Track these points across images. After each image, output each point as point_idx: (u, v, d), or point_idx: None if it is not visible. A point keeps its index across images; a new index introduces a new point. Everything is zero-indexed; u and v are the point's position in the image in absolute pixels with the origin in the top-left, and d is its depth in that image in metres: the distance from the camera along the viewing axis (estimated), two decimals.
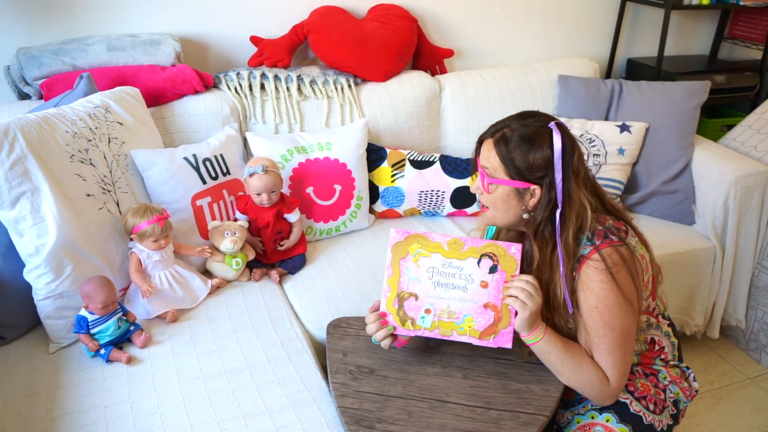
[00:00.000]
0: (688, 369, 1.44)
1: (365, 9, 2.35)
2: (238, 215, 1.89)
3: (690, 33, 2.94)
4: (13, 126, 1.49)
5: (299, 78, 2.14)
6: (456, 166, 2.17)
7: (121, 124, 1.75)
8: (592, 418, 1.33)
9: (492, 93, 2.35)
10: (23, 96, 1.96)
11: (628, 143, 2.25)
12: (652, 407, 1.32)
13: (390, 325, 1.33)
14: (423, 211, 2.22)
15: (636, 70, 2.77)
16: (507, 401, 1.30)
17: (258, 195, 1.82)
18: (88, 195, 1.59)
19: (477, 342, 1.31)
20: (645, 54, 2.86)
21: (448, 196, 2.17)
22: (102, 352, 1.49)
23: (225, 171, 1.89)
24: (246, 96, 2.07)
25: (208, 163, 1.85)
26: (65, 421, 1.31)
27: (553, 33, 2.69)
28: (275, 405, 1.35)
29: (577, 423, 1.34)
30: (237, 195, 1.91)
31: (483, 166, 1.31)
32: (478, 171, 1.34)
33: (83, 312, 1.50)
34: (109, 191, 1.65)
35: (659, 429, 1.31)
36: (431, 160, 2.17)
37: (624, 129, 2.26)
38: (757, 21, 2.79)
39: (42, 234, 1.49)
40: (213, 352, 1.52)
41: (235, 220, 1.89)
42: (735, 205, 2.12)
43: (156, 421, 1.31)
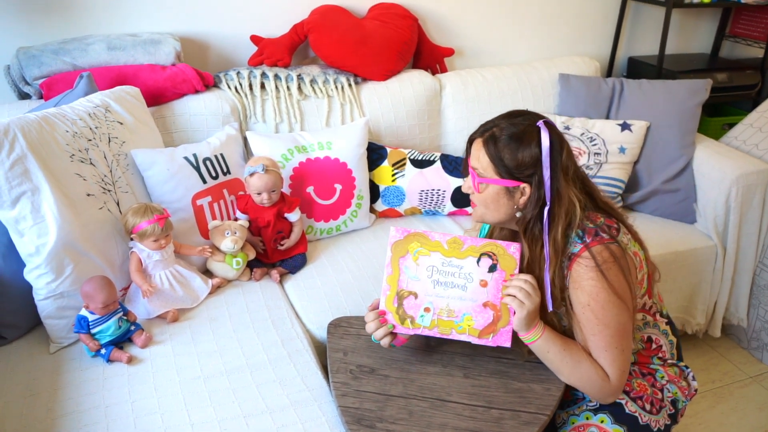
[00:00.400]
0: (687, 368, 1.43)
1: (365, 8, 2.35)
2: (238, 215, 1.89)
3: (691, 31, 2.94)
4: (13, 126, 1.49)
5: (299, 77, 2.14)
6: (457, 165, 2.16)
7: (122, 123, 1.75)
8: (586, 418, 1.33)
9: (493, 92, 2.35)
10: (23, 96, 1.96)
11: (629, 142, 2.25)
12: (648, 407, 1.31)
13: (389, 324, 1.33)
14: (424, 211, 2.22)
15: (637, 68, 2.76)
16: (508, 400, 1.30)
17: (258, 194, 1.82)
18: (88, 195, 1.59)
19: (476, 341, 1.31)
20: (646, 52, 2.86)
21: (448, 195, 2.17)
22: (103, 351, 1.49)
23: (225, 170, 1.89)
24: (246, 95, 2.07)
25: (208, 163, 1.85)
26: (66, 421, 1.31)
27: (554, 31, 2.69)
28: (276, 404, 1.35)
29: (572, 424, 1.34)
30: (237, 194, 1.91)
31: (473, 166, 1.32)
32: (468, 172, 1.34)
33: (84, 312, 1.50)
34: (110, 191, 1.65)
35: (656, 429, 1.31)
36: (432, 159, 2.17)
37: (625, 128, 2.26)
38: (759, 19, 2.78)
39: (42, 234, 1.49)
40: (214, 351, 1.52)
41: (236, 219, 1.89)
42: (736, 204, 2.11)
43: (157, 421, 1.31)
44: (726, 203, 2.13)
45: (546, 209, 1.25)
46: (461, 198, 2.17)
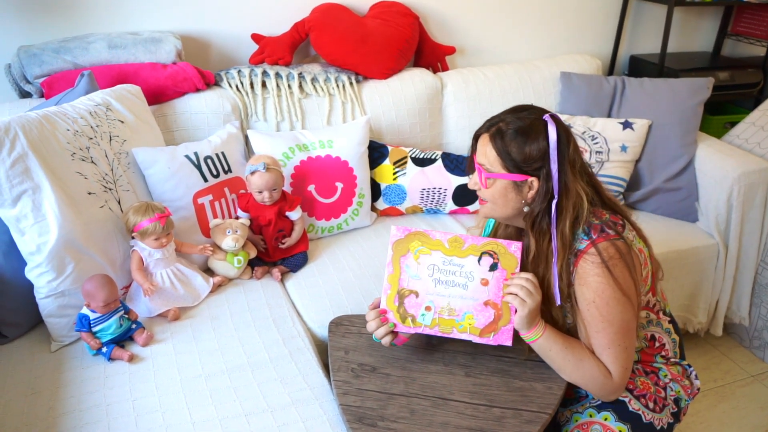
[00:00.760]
0: (689, 366, 1.43)
1: (367, 6, 2.34)
2: (239, 213, 1.89)
3: (693, 29, 2.93)
4: (14, 124, 1.49)
5: (300, 75, 2.14)
6: (458, 163, 2.16)
7: (123, 122, 1.75)
8: (590, 416, 1.32)
9: (494, 90, 2.35)
10: (24, 94, 1.96)
11: (630, 140, 2.24)
12: (651, 405, 1.31)
13: (390, 323, 1.33)
14: (425, 209, 2.22)
15: (639, 66, 2.76)
16: (510, 399, 1.29)
17: (259, 193, 1.81)
18: (89, 193, 1.59)
19: (477, 339, 1.30)
20: (648, 51, 2.85)
21: (450, 193, 2.16)
22: (104, 350, 1.49)
23: (226, 169, 1.89)
24: (247, 94, 2.07)
25: (209, 161, 1.85)
26: (67, 420, 1.31)
27: (556, 30, 2.68)
28: (277, 403, 1.35)
29: (575, 421, 1.34)
30: (238, 193, 1.91)
31: (480, 162, 1.32)
32: (474, 168, 1.34)
33: (85, 310, 1.50)
34: (111, 189, 1.65)
35: (659, 427, 1.31)
36: (433, 157, 2.17)
37: (627, 126, 2.26)
38: (761, 17, 2.77)
39: (43, 232, 1.49)
40: (215, 350, 1.52)
41: (237, 218, 1.89)
42: (738, 202, 2.11)
43: (158, 419, 1.31)
44: (728, 202, 2.12)
45: (554, 202, 1.26)
46: (462, 196, 2.17)
